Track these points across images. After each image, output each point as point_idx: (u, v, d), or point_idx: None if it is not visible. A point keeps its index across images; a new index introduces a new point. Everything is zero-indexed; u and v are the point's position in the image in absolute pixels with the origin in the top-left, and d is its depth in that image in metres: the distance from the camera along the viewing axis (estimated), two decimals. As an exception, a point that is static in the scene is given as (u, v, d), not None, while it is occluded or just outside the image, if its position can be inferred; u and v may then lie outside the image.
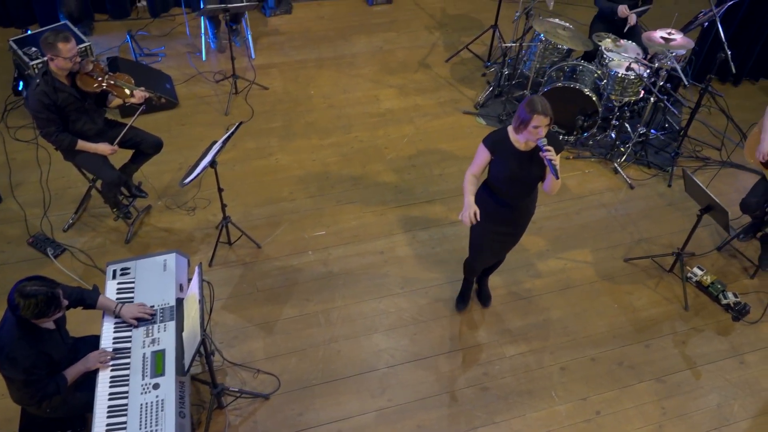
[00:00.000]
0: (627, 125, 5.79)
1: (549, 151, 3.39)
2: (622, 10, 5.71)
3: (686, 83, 4.99)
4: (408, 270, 4.69)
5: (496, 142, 3.58)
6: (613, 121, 5.54)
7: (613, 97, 5.46)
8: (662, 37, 5.24)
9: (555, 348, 4.30)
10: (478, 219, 3.53)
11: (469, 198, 3.56)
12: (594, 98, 5.42)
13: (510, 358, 4.22)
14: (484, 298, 4.47)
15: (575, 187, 5.43)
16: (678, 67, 5.14)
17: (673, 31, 5.27)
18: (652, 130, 5.80)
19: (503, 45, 5.96)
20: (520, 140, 3.54)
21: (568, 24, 5.68)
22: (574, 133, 5.69)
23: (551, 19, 5.76)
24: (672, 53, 5.20)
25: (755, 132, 4.57)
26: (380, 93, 6.16)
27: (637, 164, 5.65)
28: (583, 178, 5.51)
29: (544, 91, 5.52)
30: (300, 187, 5.22)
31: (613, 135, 5.60)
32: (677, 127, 5.85)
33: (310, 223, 4.95)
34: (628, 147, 5.62)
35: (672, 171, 5.55)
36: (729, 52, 5.00)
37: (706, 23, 5.37)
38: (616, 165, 5.55)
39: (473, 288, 4.48)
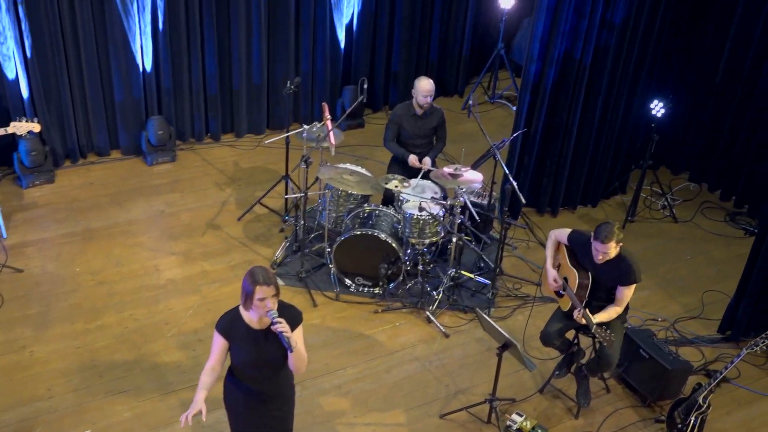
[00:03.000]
0: (438, 269, 6.82)
1: (280, 323, 3.98)
2: (412, 161, 6.91)
3: (477, 219, 6.10)
4: (192, 461, 5.13)
5: (229, 325, 4.15)
6: (419, 266, 6.52)
7: (412, 241, 6.48)
8: (450, 174, 6.42)
9: None
10: (203, 420, 4.04)
11: (198, 396, 4.05)
12: (393, 244, 6.41)
13: None
14: None
15: (386, 342, 6.23)
16: (468, 203, 6.29)
17: (460, 167, 6.48)
18: (475, 273, 6.83)
19: (286, 197, 6.94)
20: (253, 318, 4.14)
21: (357, 168, 6.78)
22: (380, 283, 6.60)
23: (340, 165, 6.84)
24: (462, 189, 6.36)
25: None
26: (160, 262, 6.84)
27: (451, 310, 6.59)
28: (394, 331, 6.35)
29: (342, 240, 6.46)
30: (60, 381, 5.62)
31: (423, 281, 6.55)
32: (492, 265, 6.92)
33: (72, 422, 5.32)
34: (440, 292, 6.58)
35: (489, 313, 6.53)
36: (515, 183, 6.23)
37: (497, 156, 6.63)
38: (428, 313, 6.46)
39: None
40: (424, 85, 6.83)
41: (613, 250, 5.05)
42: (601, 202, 8.21)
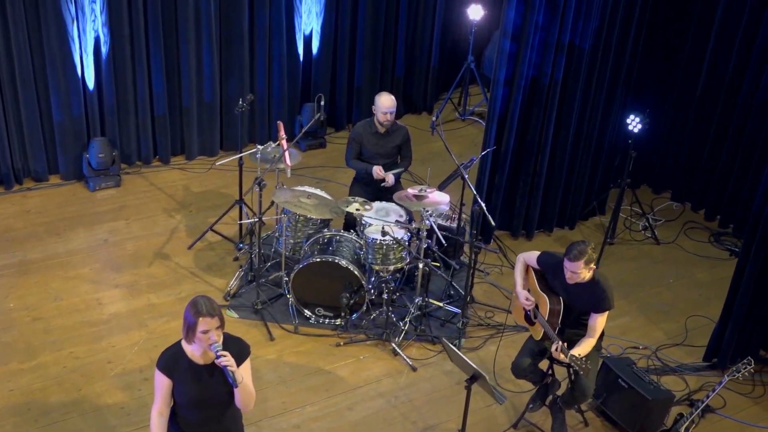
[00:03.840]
0: (404, 298, 6.89)
1: (224, 356, 4.04)
2: (377, 171, 7.02)
3: (444, 243, 6.20)
4: None
5: (171, 362, 4.18)
6: (384, 295, 6.58)
7: (376, 268, 6.56)
8: (414, 195, 6.52)
9: None
10: None
11: None
12: (356, 271, 6.48)
13: None
14: None
15: (348, 378, 6.28)
16: (435, 227, 6.38)
17: (426, 188, 6.58)
18: (444, 301, 6.91)
19: (240, 223, 7.00)
20: (195, 352, 4.18)
21: (315, 190, 6.86)
22: (342, 314, 6.66)
23: (297, 187, 6.92)
24: (428, 211, 6.46)
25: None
26: (103, 296, 6.85)
27: (419, 341, 6.66)
28: (358, 365, 6.40)
29: (300, 268, 6.52)
30: (-9, 426, 5.61)
31: (388, 311, 6.61)
32: (462, 293, 7.00)
33: (4, 470, 5.30)
34: (407, 322, 6.65)
35: (459, 344, 6.61)
36: (483, 204, 6.34)
37: (465, 176, 6.75)
38: (394, 345, 6.52)
39: None
40: (384, 101, 6.95)
41: (582, 270, 5.15)
42: (578, 224, 8.35)
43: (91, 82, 8.01)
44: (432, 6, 9.69)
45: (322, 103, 6.80)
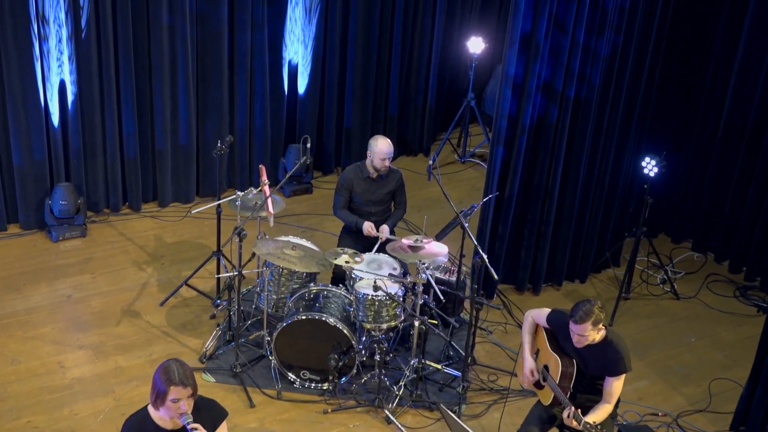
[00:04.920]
0: (398, 359, 6.89)
1: (195, 429, 4.07)
2: (367, 228, 7.09)
3: (443, 299, 6.22)
4: None
5: (135, 429, 4.20)
6: (376, 357, 6.58)
7: (367, 326, 6.56)
8: (410, 246, 6.56)
9: None
10: None
11: None
12: (345, 330, 6.48)
13: None
14: None
15: (337, 449, 6.27)
16: (432, 281, 6.41)
17: (422, 238, 6.62)
18: (442, 363, 6.92)
19: (218, 277, 7.03)
20: (164, 416, 4.20)
21: (300, 241, 6.90)
22: (330, 378, 6.64)
23: (281, 237, 6.96)
24: (424, 264, 6.49)
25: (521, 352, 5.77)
26: (66, 358, 6.83)
27: (415, 407, 6.65)
28: (347, 435, 6.39)
29: (284, 327, 6.52)
30: (-61, 505, 5.56)
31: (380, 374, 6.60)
32: (463, 354, 7.00)
33: None
34: (401, 387, 6.64)
35: (460, 411, 6.59)
36: (485, 256, 6.38)
37: (465, 225, 6.80)
38: (387, 413, 6.50)
39: None
40: (383, 147, 7.03)
41: (590, 332, 5.17)
42: (590, 277, 8.38)
43: (55, 122, 8.07)
44: (428, 39, 9.81)
45: (309, 144, 6.86)
